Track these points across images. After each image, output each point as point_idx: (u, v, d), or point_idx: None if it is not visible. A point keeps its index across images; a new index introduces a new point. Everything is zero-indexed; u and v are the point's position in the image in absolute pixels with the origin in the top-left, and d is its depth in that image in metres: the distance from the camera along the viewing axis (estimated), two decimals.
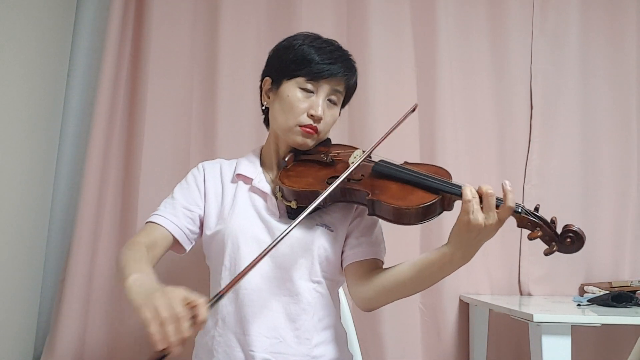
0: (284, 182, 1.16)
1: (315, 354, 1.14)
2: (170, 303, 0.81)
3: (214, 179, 1.26)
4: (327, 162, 1.20)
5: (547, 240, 1.00)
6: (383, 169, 1.14)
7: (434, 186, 1.06)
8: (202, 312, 0.82)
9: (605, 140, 1.96)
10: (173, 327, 0.79)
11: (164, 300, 0.82)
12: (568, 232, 0.98)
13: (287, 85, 1.20)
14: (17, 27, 1.49)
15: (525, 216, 1.00)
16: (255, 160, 1.29)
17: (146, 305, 0.83)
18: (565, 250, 1.00)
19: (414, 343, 1.76)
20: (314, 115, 1.18)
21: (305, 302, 1.15)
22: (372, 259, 1.17)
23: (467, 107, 1.92)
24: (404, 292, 1.11)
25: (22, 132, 1.56)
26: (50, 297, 1.71)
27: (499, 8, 1.97)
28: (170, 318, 0.80)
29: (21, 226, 1.58)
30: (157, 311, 0.81)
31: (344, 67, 1.21)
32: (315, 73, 1.18)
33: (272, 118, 1.25)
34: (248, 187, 1.23)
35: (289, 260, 1.15)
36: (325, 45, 1.21)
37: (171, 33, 1.81)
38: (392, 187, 1.10)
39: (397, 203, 1.05)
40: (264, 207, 1.20)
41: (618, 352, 1.83)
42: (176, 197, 1.23)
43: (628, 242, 1.91)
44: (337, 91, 1.22)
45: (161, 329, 0.79)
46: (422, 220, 1.06)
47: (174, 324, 0.79)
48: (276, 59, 1.25)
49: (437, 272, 1.05)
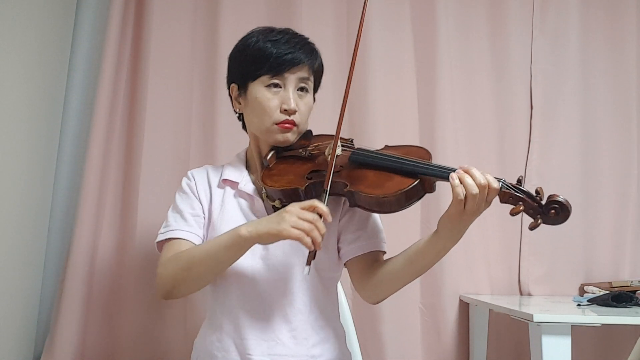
0: (266, 182, 1.15)
1: (314, 354, 1.14)
2: (300, 215, 0.99)
3: (203, 187, 1.26)
4: (306, 156, 1.18)
5: (531, 213, 0.96)
6: (359, 157, 1.13)
7: (411, 170, 1.04)
8: (323, 207, 1.00)
9: (605, 140, 1.96)
10: (316, 232, 0.98)
11: (295, 217, 0.99)
12: (552, 203, 0.95)
13: (253, 87, 1.18)
14: (17, 27, 1.49)
15: (507, 191, 0.97)
16: (240, 164, 1.28)
17: (286, 228, 0.98)
18: (551, 222, 0.96)
19: (414, 343, 1.76)
20: (288, 109, 1.16)
21: (300, 301, 1.15)
22: (372, 252, 1.17)
23: (467, 107, 1.92)
24: (405, 282, 1.12)
25: (22, 132, 1.56)
26: (50, 297, 1.71)
27: (499, 8, 1.97)
28: (310, 226, 0.98)
29: (21, 226, 1.57)
30: (299, 227, 0.98)
31: (304, 52, 1.18)
32: (277, 67, 1.15)
33: (248, 122, 1.24)
34: (235, 192, 1.23)
35: (281, 261, 1.15)
36: (280, 37, 1.19)
37: (171, 33, 1.81)
38: (369, 176, 1.08)
39: (375, 192, 1.04)
40: (251, 209, 1.20)
41: (618, 352, 1.83)
42: (182, 208, 1.22)
43: (628, 242, 1.91)
44: (304, 78, 1.19)
45: (310, 236, 0.97)
46: (404, 206, 1.05)
47: (314, 229, 0.98)
48: (236, 62, 1.23)
49: (431, 259, 1.07)
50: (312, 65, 1.21)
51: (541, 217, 0.96)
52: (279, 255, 1.15)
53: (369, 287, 1.15)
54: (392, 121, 1.86)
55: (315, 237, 0.97)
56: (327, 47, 1.85)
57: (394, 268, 1.10)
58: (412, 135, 1.86)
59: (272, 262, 1.15)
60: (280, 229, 0.98)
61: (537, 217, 0.96)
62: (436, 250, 1.05)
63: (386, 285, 1.13)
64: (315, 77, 1.24)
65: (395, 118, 1.86)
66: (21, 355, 1.61)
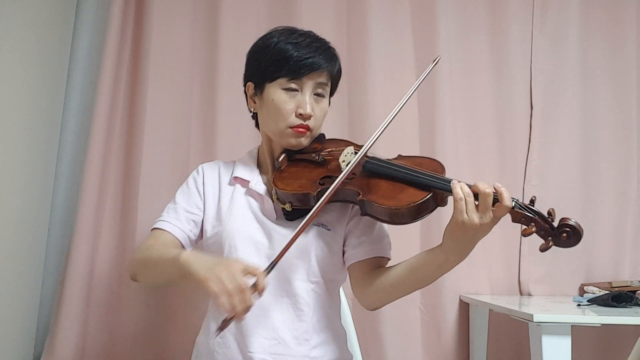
0: (277, 185, 1.15)
1: (315, 355, 1.15)
2: (233, 275, 0.91)
3: (212, 182, 1.26)
4: (319, 161, 1.18)
5: (542, 235, 0.96)
6: (373, 166, 1.12)
7: (424, 183, 1.04)
8: (261, 281, 0.94)
9: (605, 140, 1.96)
10: (239, 298, 0.90)
11: (227, 273, 0.92)
12: (564, 227, 0.94)
13: (270, 88, 1.17)
14: (17, 27, 1.49)
15: (519, 211, 0.96)
16: (251, 162, 1.28)
17: (211, 278, 0.92)
18: (563, 245, 0.95)
19: (414, 343, 1.76)
20: (303, 114, 1.15)
21: (303, 303, 1.15)
22: (375, 257, 1.17)
23: (467, 107, 1.92)
24: (405, 291, 1.11)
25: (22, 132, 1.56)
26: (50, 297, 1.71)
27: (499, 8, 1.97)
28: (235, 289, 0.90)
29: (21, 226, 1.58)
30: (223, 284, 0.91)
31: (324, 58, 1.17)
32: (296, 71, 1.14)
33: (262, 123, 1.24)
34: (245, 190, 1.23)
35: (286, 262, 1.14)
36: (301, 39, 1.17)
37: (171, 33, 1.80)
38: (382, 186, 1.08)
39: (388, 203, 1.03)
40: (260, 209, 1.20)
41: (618, 352, 1.83)
42: (178, 202, 1.24)
43: (628, 242, 1.91)
44: (322, 84, 1.18)
45: (229, 299, 0.90)
46: (415, 219, 1.04)
47: (239, 294, 0.90)
48: (254, 61, 1.22)
49: (433, 272, 1.06)
50: (331, 70, 1.20)
51: (552, 240, 0.95)
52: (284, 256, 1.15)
53: (368, 292, 1.14)
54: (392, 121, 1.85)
55: (234, 303, 0.90)
56: None
57: (395, 276, 1.09)
58: (412, 136, 1.86)
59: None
60: (205, 277, 0.93)
61: (549, 239, 0.95)
62: (438, 262, 1.03)
63: (385, 293, 1.12)
64: (333, 82, 1.24)
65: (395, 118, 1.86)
66: (21, 355, 1.62)
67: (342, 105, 1.85)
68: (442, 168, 1.10)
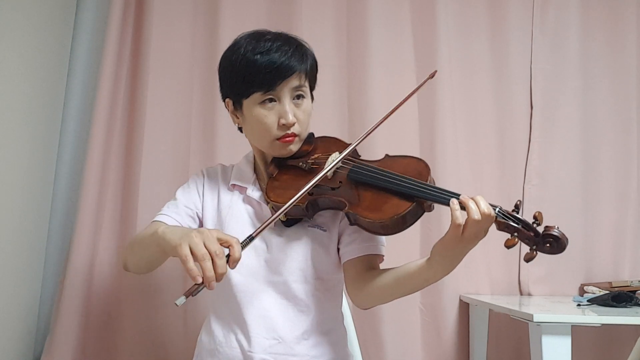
0: (270, 196, 1.14)
1: (314, 354, 1.15)
2: (206, 241, 0.88)
3: (212, 187, 1.27)
4: (306, 169, 1.17)
5: (527, 243, 0.94)
6: (357, 176, 1.10)
7: (407, 192, 1.02)
8: (237, 251, 0.89)
9: (605, 140, 1.96)
10: (210, 264, 0.86)
11: (200, 239, 0.88)
12: (548, 237, 0.93)
13: (247, 104, 1.15)
14: (17, 27, 1.49)
15: (502, 220, 0.94)
16: (248, 167, 1.28)
17: (183, 243, 0.89)
18: (547, 252, 0.94)
19: (414, 343, 1.76)
20: (286, 123, 1.12)
21: (303, 304, 1.16)
22: (367, 255, 1.16)
23: (467, 107, 1.92)
24: (395, 297, 1.12)
25: (22, 132, 1.56)
26: (50, 297, 1.71)
27: (499, 8, 1.97)
28: (206, 255, 0.87)
29: (21, 226, 1.58)
30: (195, 249, 0.87)
31: (296, 59, 1.13)
32: (269, 82, 1.10)
33: (249, 137, 1.23)
34: (243, 197, 1.23)
35: (284, 265, 1.15)
36: (269, 45, 1.12)
37: (171, 33, 1.81)
38: (367, 197, 1.07)
39: (372, 216, 1.03)
40: (258, 215, 1.20)
41: (618, 352, 1.83)
42: (178, 198, 1.25)
43: (628, 242, 1.91)
44: (299, 86, 1.15)
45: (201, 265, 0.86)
46: (402, 229, 1.04)
47: (210, 260, 0.86)
48: (226, 78, 1.19)
49: (421, 284, 1.06)
50: (304, 70, 1.16)
51: (537, 248, 0.94)
52: (282, 257, 1.16)
53: (360, 293, 1.14)
54: (392, 121, 1.82)
55: (206, 267, 0.86)
56: (327, 46, 1.86)
57: (383, 283, 1.09)
58: (412, 136, 1.86)
59: (275, 264, 1.16)
60: (178, 242, 0.90)
61: (533, 247, 0.94)
62: (425, 277, 1.03)
63: (375, 297, 1.13)
64: (310, 78, 1.20)
65: (395, 118, 1.83)
66: (21, 355, 1.62)
67: (342, 105, 1.86)
68: (427, 170, 1.08)
